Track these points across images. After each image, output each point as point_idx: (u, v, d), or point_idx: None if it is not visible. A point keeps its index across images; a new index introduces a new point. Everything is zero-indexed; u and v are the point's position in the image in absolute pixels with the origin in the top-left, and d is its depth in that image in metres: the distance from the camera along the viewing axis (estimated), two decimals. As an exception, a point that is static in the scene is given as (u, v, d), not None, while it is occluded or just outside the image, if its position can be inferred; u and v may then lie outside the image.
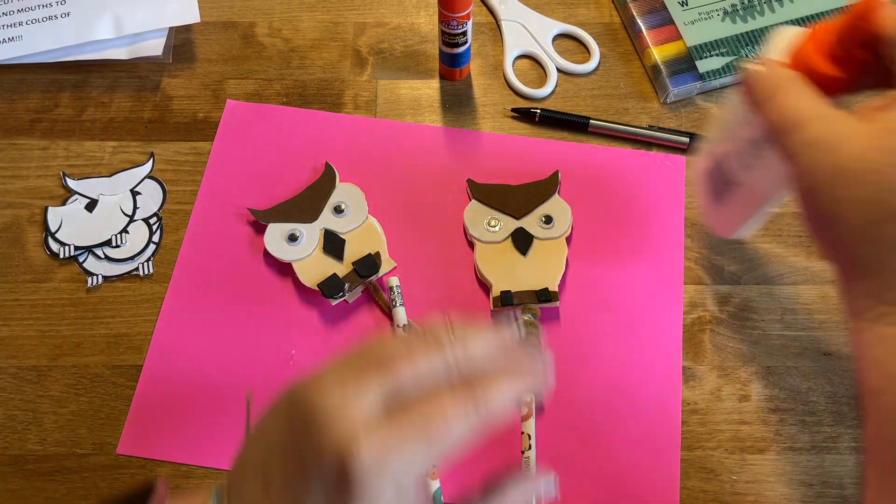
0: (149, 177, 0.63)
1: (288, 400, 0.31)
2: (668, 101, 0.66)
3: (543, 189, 0.61)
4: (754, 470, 0.53)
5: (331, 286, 0.56)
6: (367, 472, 0.28)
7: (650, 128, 0.64)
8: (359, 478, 0.28)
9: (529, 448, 0.53)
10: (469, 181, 0.61)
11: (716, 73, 0.65)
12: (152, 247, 0.60)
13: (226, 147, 0.64)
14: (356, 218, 0.60)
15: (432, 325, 0.33)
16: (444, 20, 0.61)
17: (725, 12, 0.68)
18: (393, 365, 0.31)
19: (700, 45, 0.66)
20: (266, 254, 0.59)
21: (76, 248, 0.60)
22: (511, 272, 0.58)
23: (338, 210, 0.60)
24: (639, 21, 0.68)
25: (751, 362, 0.56)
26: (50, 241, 0.60)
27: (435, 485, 0.51)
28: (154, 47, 0.67)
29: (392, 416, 0.30)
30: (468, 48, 0.64)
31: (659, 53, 0.66)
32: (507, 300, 0.56)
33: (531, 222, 0.59)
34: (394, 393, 0.30)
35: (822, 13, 0.67)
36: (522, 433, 0.53)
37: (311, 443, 0.29)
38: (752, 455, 0.54)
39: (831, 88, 0.37)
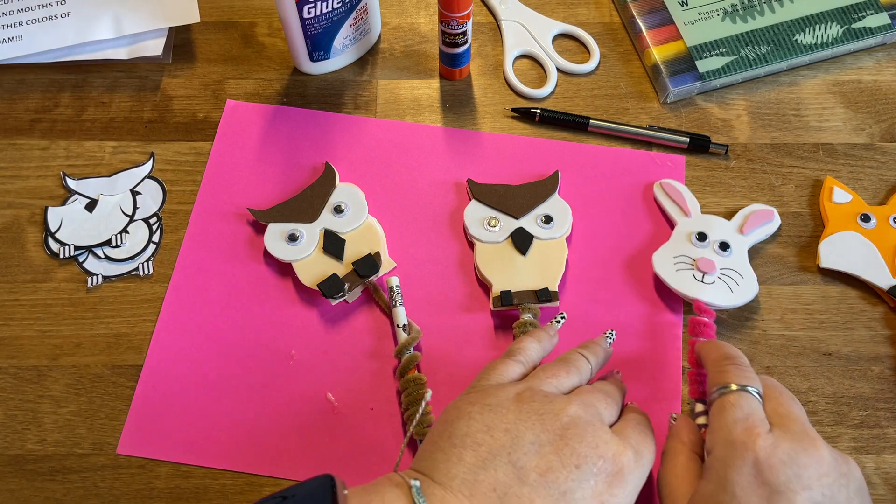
0: (149, 177, 0.63)
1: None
2: (668, 100, 0.66)
3: (543, 189, 0.61)
4: (754, 470, 0.53)
5: (331, 286, 0.56)
6: (632, 469, 0.42)
7: (650, 128, 0.64)
8: (627, 473, 0.42)
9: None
10: (469, 181, 0.61)
11: (716, 73, 0.65)
12: (152, 247, 0.60)
13: (226, 147, 0.64)
14: (356, 218, 0.60)
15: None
16: (444, 20, 0.61)
17: (725, 12, 0.68)
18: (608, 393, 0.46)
19: (700, 45, 0.66)
20: (266, 254, 0.59)
21: (76, 248, 0.60)
22: (511, 272, 0.58)
23: (338, 210, 0.59)
24: (639, 21, 0.68)
25: (751, 362, 0.56)
26: (50, 241, 0.60)
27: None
28: (154, 47, 0.67)
29: (621, 433, 0.44)
30: (468, 48, 0.64)
31: (659, 53, 0.66)
32: (506, 300, 0.56)
33: (531, 222, 0.59)
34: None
35: (822, 13, 0.67)
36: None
37: (587, 443, 0.42)
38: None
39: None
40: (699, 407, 0.51)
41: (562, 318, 0.53)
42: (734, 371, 0.46)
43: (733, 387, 0.45)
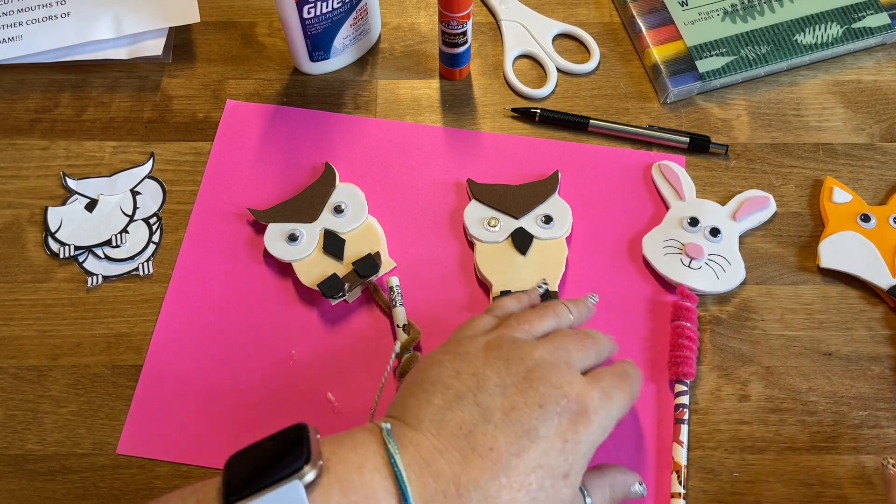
0: (149, 177, 0.63)
1: (501, 346, 0.44)
2: (668, 101, 0.66)
3: (543, 189, 0.61)
4: (754, 470, 0.53)
5: (331, 286, 0.56)
6: (597, 410, 0.42)
7: (650, 128, 0.64)
8: (592, 413, 0.42)
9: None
10: (469, 181, 0.61)
11: (716, 73, 0.65)
12: (152, 247, 0.60)
13: (226, 147, 0.64)
14: (356, 218, 0.60)
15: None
16: (444, 20, 0.61)
17: (725, 12, 0.68)
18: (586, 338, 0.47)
19: (700, 45, 0.66)
20: (266, 254, 0.59)
21: (76, 248, 0.60)
22: (511, 272, 0.58)
23: (338, 210, 0.60)
24: (639, 21, 0.68)
25: (751, 362, 0.56)
26: (50, 241, 0.60)
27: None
28: (154, 47, 0.67)
29: (593, 376, 0.44)
30: (468, 48, 0.64)
31: (659, 53, 0.66)
32: (506, 300, 0.56)
33: (531, 222, 0.59)
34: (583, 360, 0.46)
35: (822, 13, 0.67)
36: None
37: (551, 384, 0.42)
38: (752, 455, 0.54)
39: None
40: (679, 387, 0.54)
41: (544, 283, 0.54)
42: None
43: None
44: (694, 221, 0.60)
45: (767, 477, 0.53)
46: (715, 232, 0.59)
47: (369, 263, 0.57)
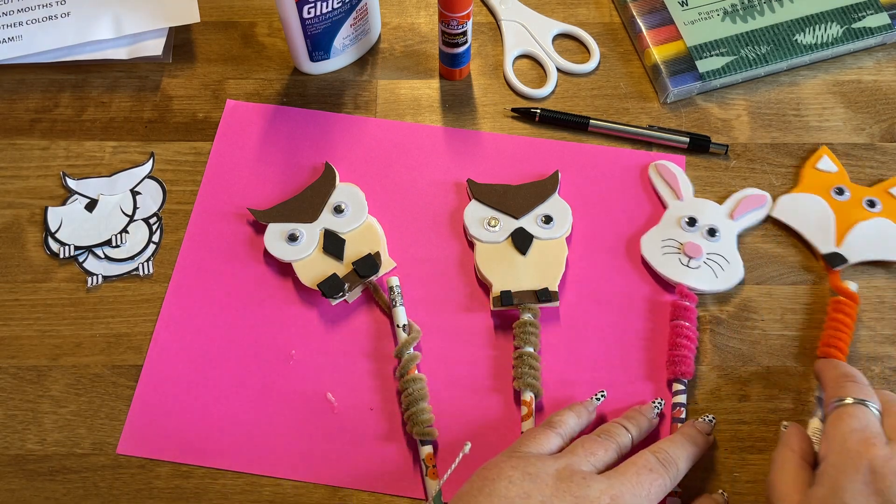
0: (149, 177, 0.63)
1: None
2: (668, 101, 0.66)
3: (543, 189, 0.61)
4: (754, 470, 0.53)
5: (331, 286, 0.56)
6: None
7: (650, 128, 0.64)
8: None
9: (529, 448, 0.53)
10: (469, 181, 0.61)
11: (716, 73, 0.65)
12: (152, 247, 0.60)
13: (226, 147, 0.64)
14: (356, 218, 0.60)
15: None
16: (444, 20, 0.61)
17: (725, 12, 0.67)
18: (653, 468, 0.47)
19: (700, 45, 0.66)
20: (266, 254, 0.59)
21: (76, 248, 0.60)
22: (511, 272, 0.58)
23: (338, 210, 0.59)
24: (639, 21, 0.68)
25: (751, 362, 0.56)
26: (50, 241, 0.60)
27: (435, 485, 0.51)
28: (154, 47, 0.67)
29: None
30: (468, 48, 0.64)
31: (659, 53, 0.66)
32: (507, 300, 0.56)
33: (531, 222, 0.59)
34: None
35: (822, 13, 0.67)
36: (523, 433, 0.53)
37: None
38: (752, 455, 0.54)
39: None
40: (677, 386, 0.55)
41: (602, 395, 0.53)
42: (853, 387, 0.48)
43: (850, 400, 0.47)
44: (692, 221, 0.60)
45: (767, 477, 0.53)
46: (712, 232, 0.59)
47: (369, 263, 0.57)
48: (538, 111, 0.65)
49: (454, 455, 0.52)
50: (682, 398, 0.54)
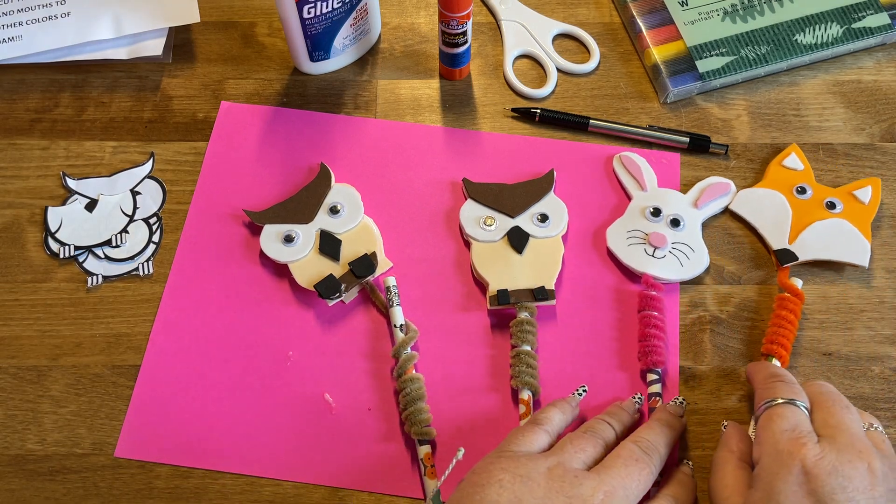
0: (149, 177, 0.63)
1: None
2: (668, 101, 0.66)
3: (539, 187, 0.61)
4: (753, 471, 0.53)
5: (327, 287, 0.56)
6: None
7: (650, 128, 0.64)
8: None
9: (527, 448, 0.53)
10: (464, 180, 0.61)
11: (716, 73, 0.65)
12: (152, 247, 0.60)
13: (221, 148, 0.64)
14: (352, 218, 0.60)
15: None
16: (444, 20, 0.61)
17: (725, 12, 0.67)
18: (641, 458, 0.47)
19: (700, 45, 0.66)
20: (262, 255, 0.59)
21: (76, 248, 0.60)
22: (507, 271, 0.58)
23: (333, 211, 0.60)
24: (639, 21, 0.68)
25: (750, 363, 0.56)
26: (50, 241, 0.60)
27: (434, 484, 0.51)
28: (154, 47, 0.67)
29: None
30: (468, 48, 0.64)
31: (659, 53, 0.66)
32: (503, 299, 0.56)
33: (527, 221, 0.59)
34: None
35: (822, 13, 0.67)
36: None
37: None
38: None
39: None
40: (651, 376, 0.55)
41: (583, 390, 0.53)
42: (781, 387, 0.48)
43: (780, 400, 0.47)
44: (656, 211, 0.60)
45: (766, 477, 0.53)
46: (677, 221, 0.60)
47: (366, 264, 0.57)
48: (538, 111, 0.64)
49: (453, 454, 0.52)
50: (657, 387, 0.54)
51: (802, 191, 0.61)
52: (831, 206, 0.61)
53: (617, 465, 0.46)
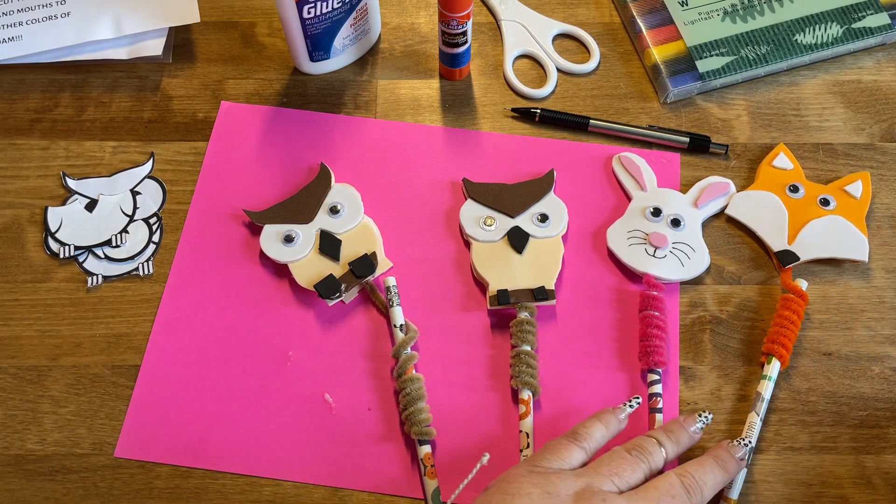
0: (149, 177, 0.63)
1: None
2: (668, 101, 0.66)
3: (539, 187, 0.61)
4: (754, 470, 0.53)
5: (327, 287, 0.56)
6: None
7: (650, 128, 0.64)
8: None
9: (528, 446, 0.53)
10: (464, 180, 0.61)
11: (716, 73, 0.65)
12: (152, 247, 0.60)
13: (220, 149, 0.64)
14: (352, 218, 0.60)
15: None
16: (444, 20, 0.61)
17: (725, 12, 0.67)
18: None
19: (700, 45, 0.66)
20: (262, 255, 0.59)
21: (76, 248, 0.60)
22: (507, 271, 0.58)
23: (333, 211, 0.59)
24: (639, 21, 0.68)
25: (751, 362, 0.56)
26: (50, 241, 0.60)
27: (433, 484, 0.51)
28: (154, 47, 0.67)
29: None
30: (468, 48, 0.64)
31: (659, 53, 0.66)
32: (503, 299, 0.56)
33: (527, 221, 0.59)
34: None
35: (822, 13, 0.67)
36: (521, 432, 0.53)
37: None
38: (755, 454, 0.54)
39: None
40: (652, 377, 0.55)
41: (637, 401, 0.51)
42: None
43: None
44: (656, 211, 0.60)
45: (767, 477, 0.53)
46: (677, 221, 0.60)
47: (366, 264, 0.57)
48: (538, 111, 0.64)
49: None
50: (658, 388, 0.54)
51: (795, 189, 0.61)
52: (825, 202, 0.61)
53: (650, 497, 0.44)
